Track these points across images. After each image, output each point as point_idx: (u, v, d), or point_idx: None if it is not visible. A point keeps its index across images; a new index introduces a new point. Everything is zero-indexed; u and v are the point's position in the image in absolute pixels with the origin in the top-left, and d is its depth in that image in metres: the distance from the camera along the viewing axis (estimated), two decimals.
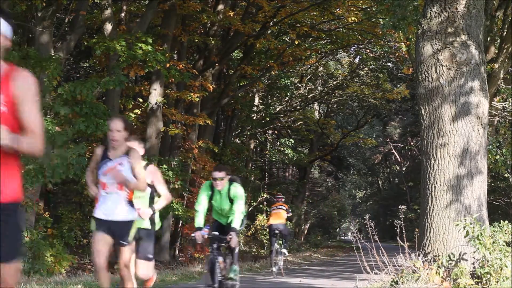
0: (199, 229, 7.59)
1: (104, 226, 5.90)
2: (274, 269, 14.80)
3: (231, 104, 23.59)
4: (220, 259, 7.56)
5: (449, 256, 7.89)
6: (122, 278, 6.08)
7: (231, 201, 7.73)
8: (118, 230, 5.89)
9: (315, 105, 35.73)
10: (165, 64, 14.84)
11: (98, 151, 6.13)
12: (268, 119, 28.82)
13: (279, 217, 15.24)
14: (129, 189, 6.18)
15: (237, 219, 7.60)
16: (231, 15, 18.72)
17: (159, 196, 7.12)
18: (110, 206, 5.90)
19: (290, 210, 16.10)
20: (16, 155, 3.15)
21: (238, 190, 7.71)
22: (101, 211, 5.93)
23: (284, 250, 15.46)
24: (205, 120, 17.97)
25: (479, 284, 7.43)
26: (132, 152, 6.11)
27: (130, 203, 6.02)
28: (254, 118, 27.03)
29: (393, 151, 47.08)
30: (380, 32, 19.94)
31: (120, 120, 6.01)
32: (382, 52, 26.85)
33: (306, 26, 20.66)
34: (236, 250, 7.78)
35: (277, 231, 15.08)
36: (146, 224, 6.93)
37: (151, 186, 6.92)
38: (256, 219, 26.54)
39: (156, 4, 16.44)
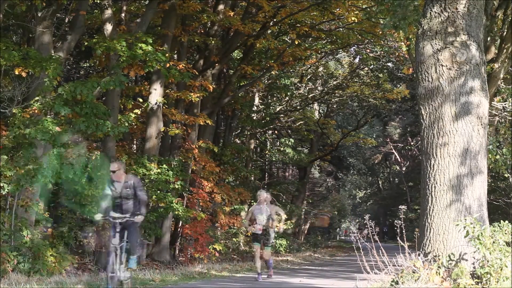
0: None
1: None
2: None
3: (231, 104, 23.57)
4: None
5: (449, 256, 7.88)
6: None
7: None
8: None
9: (315, 105, 35.69)
10: (165, 64, 14.83)
11: None
12: (268, 119, 28.78)
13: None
14: None
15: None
16: (231, 15, 18.71)
17: None
18: None
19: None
20: None
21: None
22: None
23: None
24: (205, 120, 17.96)
25: (479, 284, 7.43)
26: None
27: None
28: (254, 118, 26.98)
29: (393, 151, 47.08)
30: (380, 32, 19.92)
31: None
32: (382, 52, 26.82)
33: (306, 26, 20.63)
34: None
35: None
36: None
37: None
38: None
39: (156, 4, 16.43)
